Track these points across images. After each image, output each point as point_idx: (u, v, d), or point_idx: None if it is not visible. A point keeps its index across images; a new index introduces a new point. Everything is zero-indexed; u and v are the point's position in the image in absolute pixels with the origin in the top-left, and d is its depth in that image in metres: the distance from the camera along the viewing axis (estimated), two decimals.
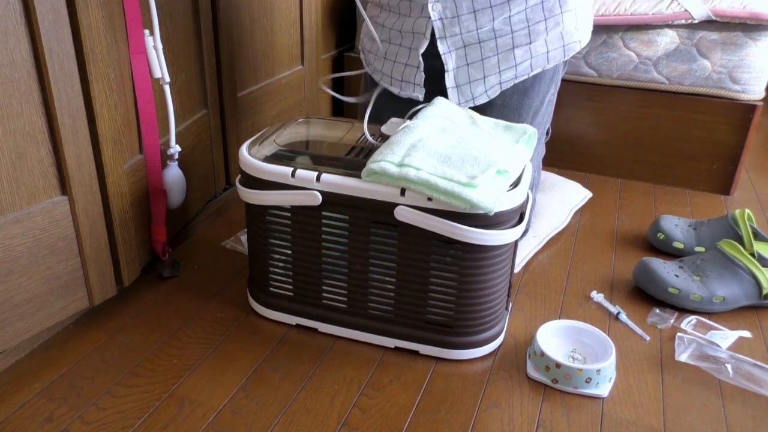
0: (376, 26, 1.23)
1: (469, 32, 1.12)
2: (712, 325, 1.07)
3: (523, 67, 1.16)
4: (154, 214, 1.10)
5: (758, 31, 1.44)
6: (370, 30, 1.24)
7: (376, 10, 1.23)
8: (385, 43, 1.22)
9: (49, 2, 0.81)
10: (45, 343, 0.99)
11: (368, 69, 1.30)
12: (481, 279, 0.92)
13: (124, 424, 0.84)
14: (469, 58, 1.15)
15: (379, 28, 1.23)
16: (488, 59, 1.15)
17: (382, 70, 1.24)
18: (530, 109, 1.20)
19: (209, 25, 1.25)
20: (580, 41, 1.18)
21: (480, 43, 1.14)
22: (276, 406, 0.88)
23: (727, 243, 1.13)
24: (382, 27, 1.22)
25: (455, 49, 1.15)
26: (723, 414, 0.90)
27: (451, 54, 1.15)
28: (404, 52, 1.19)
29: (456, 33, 1.13)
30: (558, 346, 0.99)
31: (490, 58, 1.15)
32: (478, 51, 1.14)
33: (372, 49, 1.27)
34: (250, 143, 1.01)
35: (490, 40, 1.13)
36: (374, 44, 1.25)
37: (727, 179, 1.57)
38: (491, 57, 1.14)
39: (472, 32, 1.12)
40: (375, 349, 1.00)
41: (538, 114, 1.23)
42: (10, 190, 0.84)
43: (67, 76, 0.86)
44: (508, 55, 1.14)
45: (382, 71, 1.24)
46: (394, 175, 0.86)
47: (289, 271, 1.01)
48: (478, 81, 1.16)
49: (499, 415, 0.88)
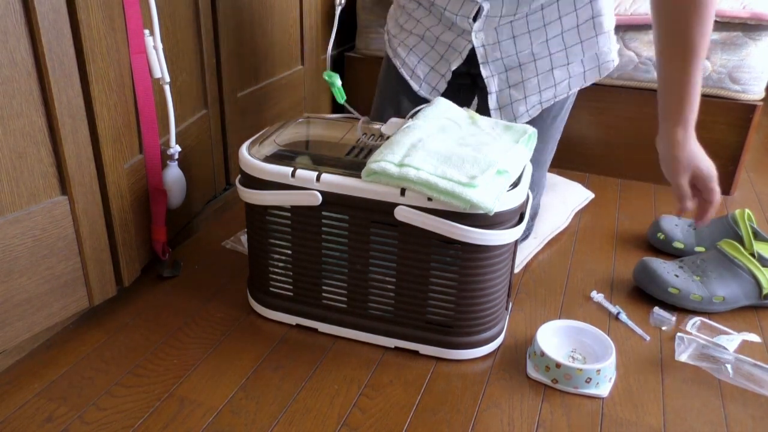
0: (409, 18, 1.25)
1: (509, 56, 1.17)
2: (717, 327, 1.07)
3: (562, 87, 1.20)
4: (154, 214, 1.10)
5: (758, 31, 1.44)
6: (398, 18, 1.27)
7: (412, 4, 1.24)
8: (416, 37, 1.24)
9: (49, 2, 0.81)
10: (45, 343, 0.99)
11: (389, 52, 1.31)
12: (481, 279, 0.92)
13: (124, 424, 0.84)
14: (511, 80, 1.19)
15: (412, 20, 1.24)
16: (529, 80, 1.19)
17: (405, 59, 1.27)
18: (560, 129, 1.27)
19: (209, 25, 1.25)
20: (614, 60, 1.21)
21: (520, 66, 1.18)
22: (276, 406, 0.88)
23: (727, 243, 1.13)
24: (416, 21, 1.24)
25: (498, 74, 1.19)
26: (723, 414, 0.90)
27: (494, 78, 1.19)
28: (434, 56, 1.22)
29: (497, 58, 1.17)
30: (558, 346, 0.99)
31: (530, 80, 1.19)
32: (519, 73, 1.18)
33: (399, 36, 1.28)
34: (250, 143, 1.01)
35: (529, 63, 1.17)
36: (402, 32, 1.27)
37: (727, 179, 1.57)
38: (531, 78, 1.18)
39: (512, 56, 1.17)
40: (375, 349, 1.00)
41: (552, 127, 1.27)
42: (10, 190, 0.84)
43: (67, 76, 0.86)
44: (548, 76, 1.18)
45: (405, 60, 1.27)
46: (394, 175, 0.86)
47: (289, 271, 1.01)
48: (520, 101, 1.20)
49: (499, 415, 0.88)
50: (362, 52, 1.85)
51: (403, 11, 1.26)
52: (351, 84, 1.90)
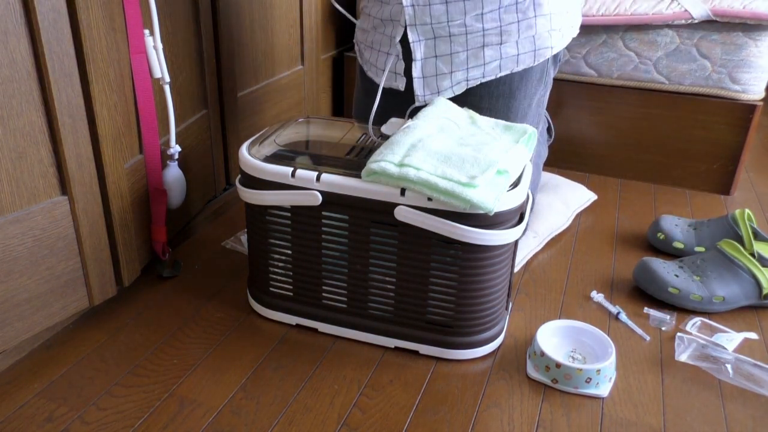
0: (365, 17, 1.24)
1: (440, 23, 1.12)
2: (717, 327, 1.07)
3: (491, 67, 1.15)
4: (154, 214, 1.10)
5: (758, 31, 1.44)
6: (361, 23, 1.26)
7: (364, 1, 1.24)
8: (371, 32, 1.22)
9: (49, 2, 0.81)
10: (45, 343, 0.99)
11: (360, 60, 1.30)
12: (481, 279, 0.92)
13: (124, 424, 0.84)
14: (438, 50, 1.14)
15: (367, 18, 1.23)
16: (457, 54, 1.14)
17: (369, 59, 1.25)
18: (518, 111, 1.20)
19: (209, 25, 1.25)
20: (552, 47, 1.17)
21: (450, 37, 1.13)
22: (276, 406, 0.88)
23: (727, 243, 1.13)
24: (368, 16, 1.22)
25: (425, 39, 1.14)
26: (723, 414, 0.90)
27: (420, 43, 1.14)
28: (386, 41, 1.19)
29: (426, 22, 1.12)
30: (558, 346, 0.99)
31: (459, 54, 1.14)
32: (448, 45, 1.13)
33: (362, 39, 1.27)
34: (250, 143, 1.01)
35: (460, 35, 1.12)
36: (365, 34, 1.25)
37: (727, 179, 1.57)
38: (460, 53, 1.14)
39: (443, 24, 1.12)
40: (375, 349, 1.00)
41: (527, 116, 1.22)
42: (10, 190, 0.84)
43: (67, 76, 0.86)
44: (478, 53, 1.14)
45: (369, 61, 1.25)
46: (394, 175, 0.86)
47: (289, 271, 1.01)
48: (445, 75, 1.16)
49: (499, 415, 0.88)
50: None
51: (362, 14, 1.26)
52: (351, 84, 1.90)
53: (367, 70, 1.27)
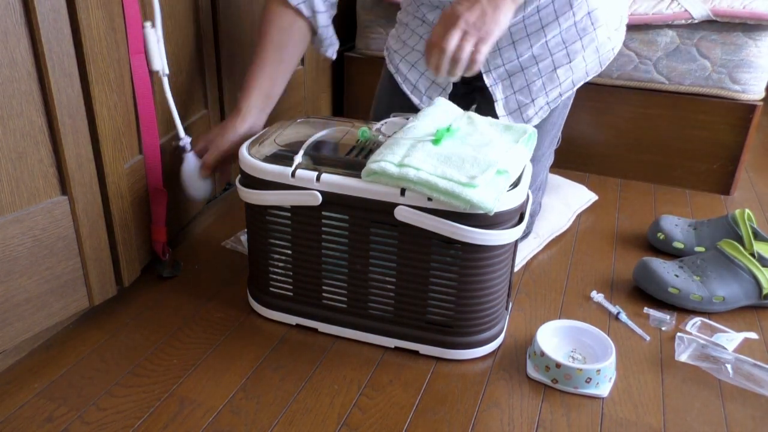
0: (412, 34, 1.26)
1: (511, 62, 1.16)
2: (717, 327, 1.07)
3: (566, 84, 1.20)
4: (154, 214, 1.10)
5: (758, 31, 1.44)
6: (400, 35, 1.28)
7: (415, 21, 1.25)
8: (417, 53, 1.25)
9: (49, 2, 0.81)
10: (45, 343, 0.99)
11: (391, 68, 1.31)
12: (481, 279, 0.92)
13: (124, 424, 0.84)
14: (515, 86, 1.19)
15: (415, 36, 1.25)
16: (533, 83, 1.18)
17: (407, 75, 1.27)
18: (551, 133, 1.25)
19: (209, 25, 1.25)
20: (614, 49, 1.21)
21: (524, 71, 1.17)
22: (276, 406, 0.88)
23: (727, 243, 1.13)
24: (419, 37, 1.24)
25: (501, 81, 1.19)
26: (723, 414, 0.90)
27: (497, 85, 1.19)
28: None
29: (499, 65, 1.17)
30: (558, 346, 0.99)
31: (535, 82, 1.18)
32: (523, 78, 1.18)
33: (401, 52, 1.29)
34: (250, 143, 1.01)
35: (532, 66, 1.17)
36: (404, 48, 1.27)
37: (727, 179, 1.57)
38: (536, 81, 1.18)
39: (513, 62, 1.16)
40: (375, 349, 1.00)
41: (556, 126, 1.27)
42: (10, 190, 0.84)
43: (67, 76, 0.86)
44: (552, 76, 1.18)
45: (407, 76, 1.27)
46: (394, 175, 0.86)
47: (289, 271, 1.01)
48: (528, 105, 1.20)
49: (499, 415, 0.88)
50: (362, 52, 1.85)
51: (406, 28, 1.27)
52: (351, 84, 1.90)
53: (401, 82, 1.28)
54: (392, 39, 1.33)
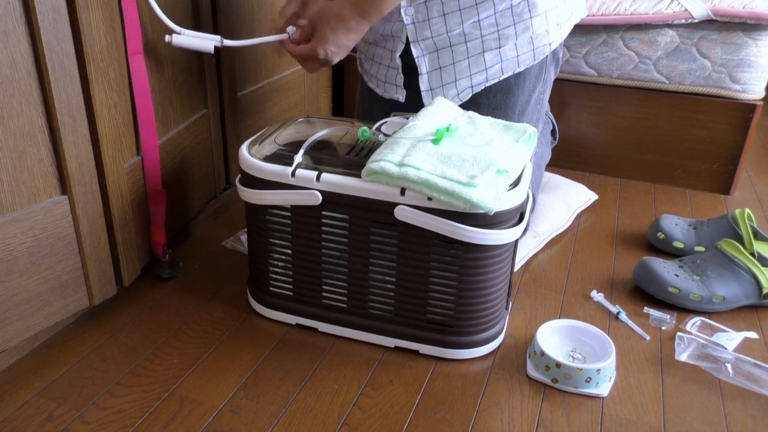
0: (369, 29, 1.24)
1: (439, 35, 1.14)
2: (717, 327, 1.07)
3: (493, 71, 1.17)
4: (153, 215, 1.10)
5: (758, 30, 1.44)
6: None
7: None
8: (372, 45, 1.25)
9: (49, 2, 0.81)
10: (45, 342, 0.99)
11: (360, 70, 1.33)
12: (481, 279, 0.92)
13: (124, 424, 0.84)
14: (441, 61, 1.17)
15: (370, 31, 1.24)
16: (459, 63, 1.16)
17: (370, 71, 1.28)
18: (515, 107, 1.21)
19: (209, 24, 1.25)
20: (550, 44, 1.18)
21: (451, 47, 1.15)
22: (276, 406, 0.88)
23: (727, 243, 1.13)
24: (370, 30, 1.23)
25: (428, 53, 1.17)
26: (723, 414, 0.90)
27: (424, 57, 1.17)
28: (387, 54, 1.22)
29: (427, 36, 1.15)
30: (558, 345, 0.99)
31: (461, 62, 1.16)
32: (450, 55, 1.16)
33: (362, 50, 1.29)
34: (250, 143, 1.01)
35: (460, 44, 1.15)
36: (365, 46, 1.28)
37: (727, 179, 1.57)
38: (462, 61, 1.16)
39: (442, 35, 1.14)
40: (375, 349, 1.00)
41: (525, 112, 1.23)
42: (10, 189, 0.84)
43: (67, 76, 0.86)
44: (479, 59, 1.16)
45: (369, 72, 1.28)
46: (394, 175, 0.86)
47: (289, 271, 1.01)
48: (450, 84, 1.18)
49: (499, 415, 0.88)
50: None
51: None
52: (351, 84, 1.89)
53: (368, 81, 1.30)
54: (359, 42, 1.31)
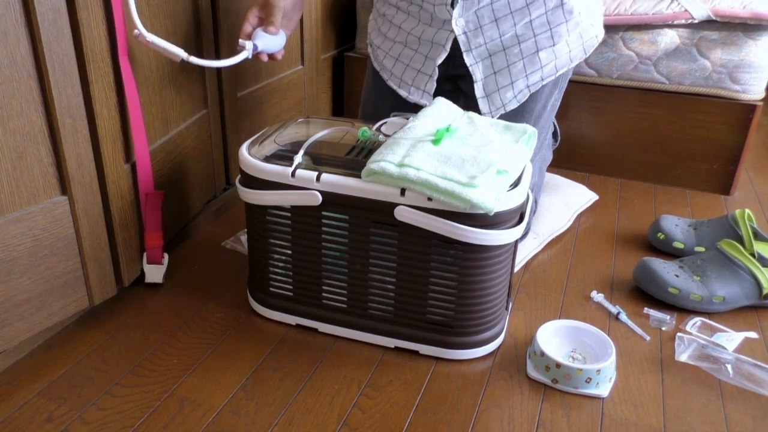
0: (390, 26, 1.23)
1: (492, 41, 1.14)
2: (716, 327, 1.07)
3: (548, 69, 1.18)
4: (149, 220, 1.07)
5: (758, 31, 1.44)
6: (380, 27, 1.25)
7: (391, 10, 1.22)
8: (399, 44, 1.23)
9: (49, 2, 0.81)
10: (45, 343, 0.99)
11: (375, 65, 1.30)
12: (481, 279, 0.92)
13: (124, 424, 0.84)
14: (496, 66, 1.17)
15: (394, 28, 1.23)
16: (514, 65, 1.16)
17: (392, 70, 1.25)
18: (533, 112, 1.21)
19: (209, 25, 1.25)
20: (597, 36, 1.20)
21: (504, 50, 1.15)
22: (276, 406, 0.88)
23: (727, 243, 1.13)
24: (398, 28, 1.22)
25: (481, 60, 1.16)
26: (723, 414, 0.90)
27: (478, 65, 1.17)
28: (419, 59, 1.20)
29: (480, 44, 1.15)
30: (558, 346, 0.99)
31: (515, 64, 1.16)
32: (504, 58, 1.16)
33: (383, 47, 1.27)
34: (250, 143, 1.01)
35: (514, 46, 1.15)
36: (386, 42, 1.25)
37: (727, 179, 1.57)
38: (517, 62, 1.16)
39: (495, 40, 1.14)
40: (375, 349, 1.00)
41: (541, 118, 1.24)
42: (10, 190, 0.84)
43: (67, 76, 0.86)
44: (534, 59, 1.16)
45: (392, 71, 1.25)
46: (394, 175, 0.86)
47: (289, 271, 1.01)
48: (506, 87, 1.18)
49: (499, 415, 0.88)
50: (362, 52, 1.85)
51: (384, 19, 1.25)
52: (351, 84, 1.90)
53: (387, 78, 1.27)
54: (374, 33, 1.30)
